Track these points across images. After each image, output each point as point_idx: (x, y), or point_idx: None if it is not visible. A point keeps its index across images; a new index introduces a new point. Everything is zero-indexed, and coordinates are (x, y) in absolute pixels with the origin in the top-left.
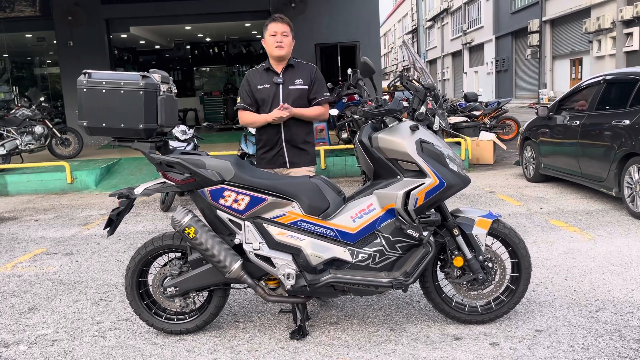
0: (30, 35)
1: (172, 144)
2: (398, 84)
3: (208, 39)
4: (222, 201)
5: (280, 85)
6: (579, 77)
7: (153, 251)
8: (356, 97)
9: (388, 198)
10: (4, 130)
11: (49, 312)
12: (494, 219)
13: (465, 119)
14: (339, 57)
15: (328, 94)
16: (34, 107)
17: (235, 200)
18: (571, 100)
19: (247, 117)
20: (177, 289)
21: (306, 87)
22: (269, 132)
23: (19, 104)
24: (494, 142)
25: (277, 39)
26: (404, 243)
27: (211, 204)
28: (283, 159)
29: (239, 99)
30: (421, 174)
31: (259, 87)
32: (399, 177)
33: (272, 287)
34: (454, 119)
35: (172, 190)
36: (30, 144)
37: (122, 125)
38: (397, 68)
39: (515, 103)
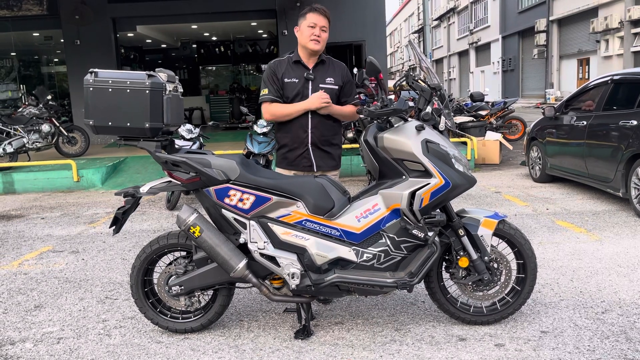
0: (38, 34)
1: (178, 142)
2: (404, 83)
3: (214, 38)
4: (227, 200)
5: (311, 82)
6: (586, 77)
7: (158, 250)
8: (362, 96)
9: (393, 198)
10: (11, 129)
11: (54, 309)
12: (499, 220)
13: (471, 118)
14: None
15: (357, 96)
16: (41, 105)
17: (241, 200)
18: (578, 101)
19: (279, 110)
20: (182, 287)
21: (337, 87)
22: (295, 130)
23: (26, 103)
24: (500, 142)
25: (315, 32)
26: (409, 243)
27: (216, 203)
28: (309, 162)
29: (263, 92)
30: (427, 174)
31: (286, 80)
32: (404, 177)
33: (277, 287)
34: (460, 119)
35: (177, 189)
36: (37, 142)
37: (128, 124)
38: (403, 67)
39: (522, 103)
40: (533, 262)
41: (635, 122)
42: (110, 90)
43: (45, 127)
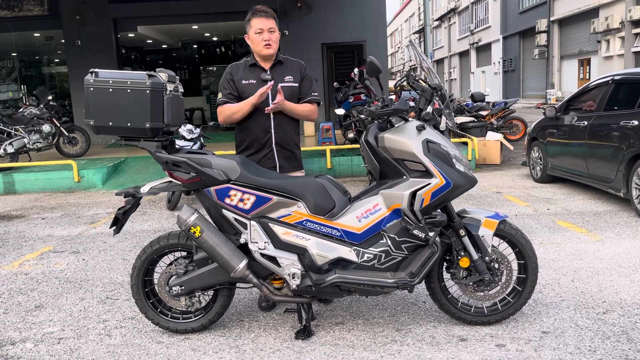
0: (39, 34)
1: (179, 143)
2: (405, 83)
3: (215, 38)
4: (227, 200)
5: (269, 83)
6: (587, 77)
7: (159, 250)
8: (362, 96)
9: (394, 198)
10: (12, 129)
11: (55, 310)
12: (500, 220)
13: (472, 119)
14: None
15: (317, 93)
16: (41, 105)
17: (241, 200)
18: (579, 101)
19: (227, 110)
20: (183, 288)
21: (297, 84)
22: (256, 131)
23: (27, 103)
24: (501, 143)
25: (264, 37)
26: (410, 243)
27: (217, 203)
28: (273, 163)
29: (219, 96)
30: (427, 174)
31: (243, 82)
32: (405, 177)
33: (278, 287)
34: (460, 119)
35: (178, 189)
36: (37, 142)
37: (129, 124)
38: (403, 68)
39: (523, 103)
40: (534, 263)
41: (636, 122)
42: (110, 90)
43: (46, 128)
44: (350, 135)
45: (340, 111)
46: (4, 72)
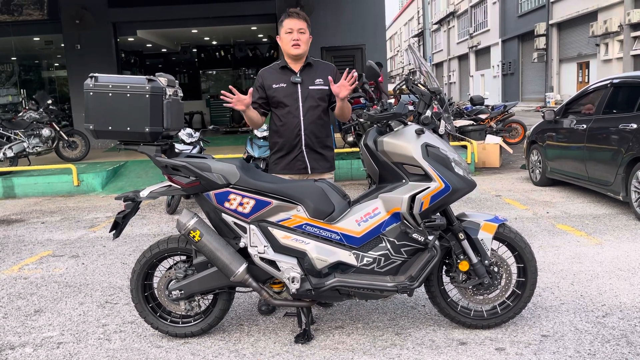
0: (38, 39)
1: (178, 147)
2: (404, 87)
3: (214, 42)
4: (227, 204)
5: (299, 85)
6: (586, 80)
7: (158, 254)
8: (362, 100)
9: (393, 202)
10: (11, 133)
11: (54, 314)
12: (499, 223)
13: (471, 122)
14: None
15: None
16: (41, 110)
17: (241, 204)
18: (578, 104)
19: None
20: (182, 292)
21: (327, 87)
22: (287, 133)
23: (27, 107)
24: (500, 146)
25: (293, 36)
26: (409, 247)
27: (216, 207)
28: (303, 164)
29: None
30: (427, 177)
31: (274, 86)
32: (404, 180)
33: (277, 291)
34: (460, 123)
35: (177, 193)
36: (37, 146)
37: (128, 128)
38: (403, 71)
39: (522, 106)
40: (533, 266)
41: (635, 126)
42: (110, 94)
43: (46, 132)
44: (350, 138)
45: None
46: (4, 76)
